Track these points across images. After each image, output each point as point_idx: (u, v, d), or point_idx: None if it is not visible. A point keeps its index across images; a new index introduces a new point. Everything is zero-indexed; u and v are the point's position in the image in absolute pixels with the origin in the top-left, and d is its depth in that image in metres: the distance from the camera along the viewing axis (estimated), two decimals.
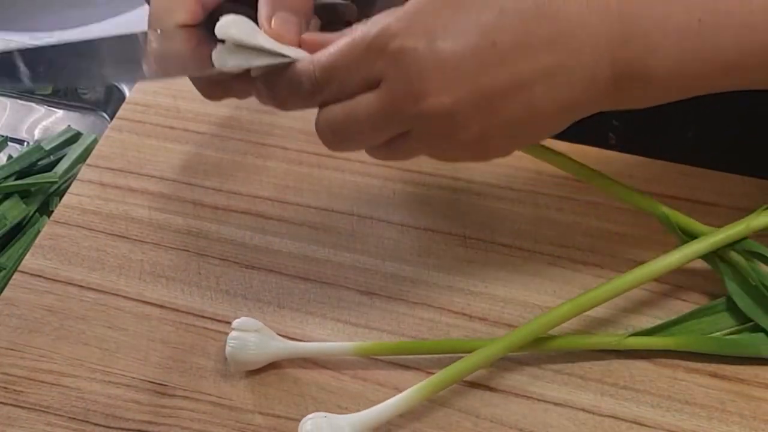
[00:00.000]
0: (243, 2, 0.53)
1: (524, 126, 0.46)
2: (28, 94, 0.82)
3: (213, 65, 0.49)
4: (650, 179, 0.62)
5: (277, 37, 0.49)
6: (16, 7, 0.92)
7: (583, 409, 0.52)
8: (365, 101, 0.46)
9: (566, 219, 0.61)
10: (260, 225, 0.61)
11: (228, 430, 0.51)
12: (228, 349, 0.52)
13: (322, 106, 0.48)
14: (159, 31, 0.53)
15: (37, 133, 0.80)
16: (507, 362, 0.54)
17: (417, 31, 0.44)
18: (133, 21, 0.89)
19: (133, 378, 0.53)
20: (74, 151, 0.72)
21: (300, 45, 0.49)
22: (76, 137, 0.74)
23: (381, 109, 0.45)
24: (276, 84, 0.48)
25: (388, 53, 0.44)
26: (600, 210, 0.61)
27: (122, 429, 0.51)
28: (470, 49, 0.44)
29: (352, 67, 0.45)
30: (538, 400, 0.52)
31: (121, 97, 0.76)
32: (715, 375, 0.53)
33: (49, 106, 0.82)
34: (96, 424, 0.51)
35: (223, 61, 0.49)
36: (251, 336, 0.52)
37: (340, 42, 0.46)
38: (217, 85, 0.53)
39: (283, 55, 0.48)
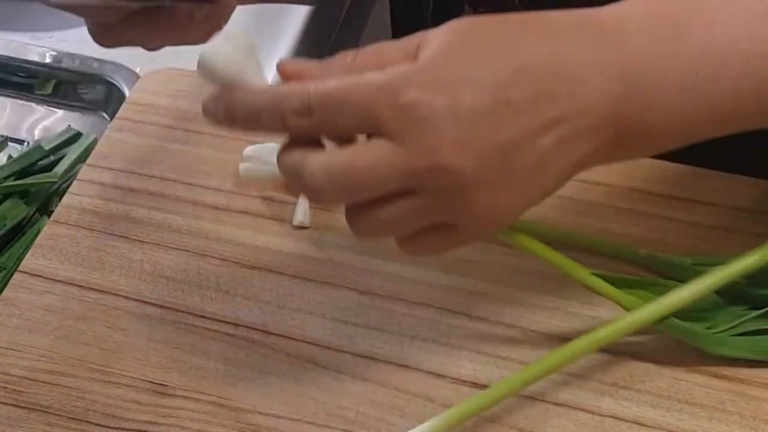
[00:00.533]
0: None
1: (532, 181, 0.46)
2: (28, 94, 0.82)
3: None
4: (650, 179, 0.62)
5: None
6: (16, 7, 0.92)
7: (583, 409, 0.52)
8: (372, 150, 0.43)
9: (566, 219, 0.61)
10: (260, 225, 0.61)
11: (228, 430, 0.51)
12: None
13: (298, 137, 0.45)
14: None
15: (37, 133, 0.80)
16: (506, 362, 0.54)
17: (434, 85, 0.43)
18: None
19: (133, 378, 0.53)
20: (74, 151, 0.72)
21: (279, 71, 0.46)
22: (76, 137, 0.74)
23: (388, 161, 0.43)
24: (243, 101, 0.45)
25: (401, 104, 0.43)
26: (600, 210, 0.61)
27: (122, 429, 0.51)
28: (486, 106, 0.43)
29: (356, 105, 0.43)
30: (538, 399, 0.52)
31: (121, 97, 0.76)
32: (715, 375, 0.53)
33: (49, 106, 0.82)
34: (96, 424, 0.51)
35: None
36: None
37: (345, 77, 0.44)
38: (110, 29, 0.51)
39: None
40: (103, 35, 0.53)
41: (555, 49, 0.45)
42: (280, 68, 0.47)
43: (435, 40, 0.45)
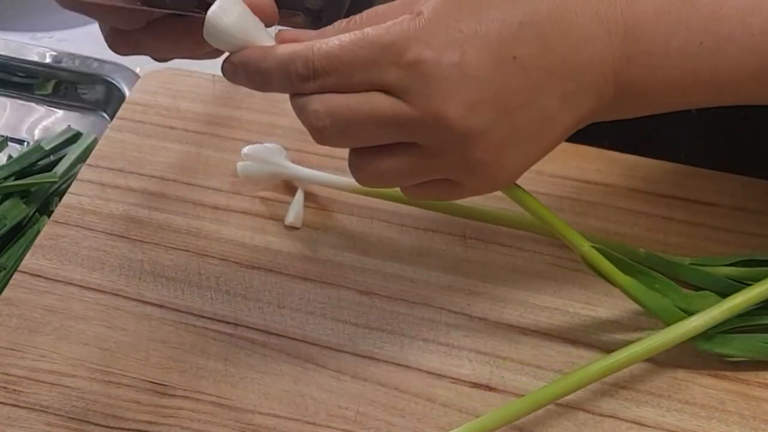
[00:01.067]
0: None
1: (537, 139, 0.46)
2: (28, 94, 0.82)
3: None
4: (650, 179, 0.62)
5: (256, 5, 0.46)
6: (16, 7, 0.92)
7: (583, 409, 0.52)
8: (377, 100, 0.43)
9: (566, 219, 0.61)
10: (260, 225, 0.61)
11: (228, 430, 0.51)
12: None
13: (311, 93, 0.45)
14: None
15: (37, 133, 0.80)
16: (506, 362, 0.54)
17: (438, 42, 0.43)
18: None
19: (133, 378, 0.53)
20: (74, 151, 0.72)
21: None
22: (76, 137, 0.74)
23: (393, 115, 0.43)
24: (256, 64, 0.45)
25: (406, 62, 0.42)
26: (600, 210, 0.61)
27: (122, 429, 0.51)
28: (492, 63, 0.43)
29: (360, 64, 0.43)
30: (543, 406, 0.52)
31: (121, 97, 0.76)
32: (715, 375, 0.53)
33: (49, 106, 0.82)
34: (96, 424, 0.51)
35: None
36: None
37: (348, 35, 0.43)
38: (128, 36, 0.50)
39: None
40: (119, 42, 0.51)
41: (562, 2, 0.44)
42: (279, 37, 0.47)
43: None
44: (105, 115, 0.80)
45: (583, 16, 0.44)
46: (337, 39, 0.43)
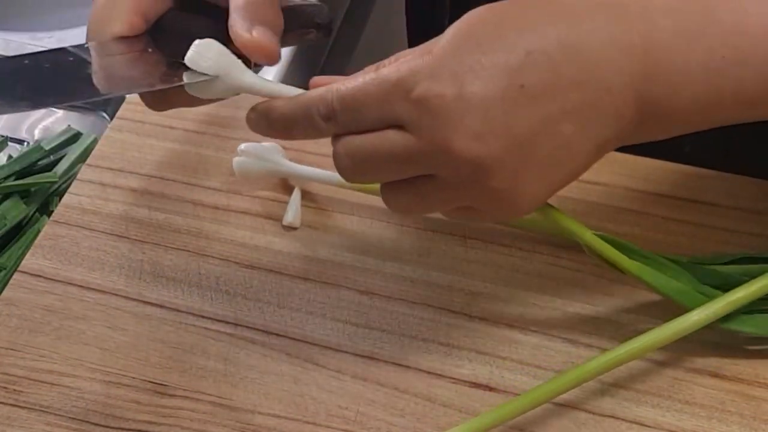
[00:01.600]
0: (190, 9, 0.52)
1: (555, 167, 0.45)
2: None
3: (158, 82, 0.48)
4: (650, 179, 0.62)
5: (259, 49, 0.48)
6: (16, 7, 0.92)
7: (583, 409, 0.52)
8: (390, 138, 0.44)
9: None
10: (260, 225, 0.61)
11: (228, 430, 0.51)
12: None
13: (334, 137, 0.47)
14: (95, 44, 0.51)
15: (37, 133, 0.80)
16: (506, 362, 0.54)
17: (444, 75, 0.43)
18: None
19: (133, 378, 0.53)
20: (74, 151, 0.72)
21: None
22: (76, 137, 0.74)
23: (406, 151, 0.44)
24: (279, 110, 0.47)
25: (414, 98, 0.43)
26: (600, 210, 0.61)
27: (122, 429, 0.51)
28: (499, 93, 0.43)
29: (374, 104, 0.44)
30: (542, 404, 0.52)
31: (121, 97, 0.76)
32: (715, 375, 0.53)
33: None
34: (96, 424, 0.51)
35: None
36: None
37: (362, 76, 0.45)
38: (164, 99, 0.52)
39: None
40: (156, 103, 0.53)
41: (572, 28, 0.44)
42: (312, 83, 0.48)
43: (450, 31, 0.45)
44: (105, 115, 0.80)
45: (597, 40, 0.44)
46: (353, 80, 0.45)
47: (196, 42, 0.47)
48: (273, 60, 0.50)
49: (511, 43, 0.44)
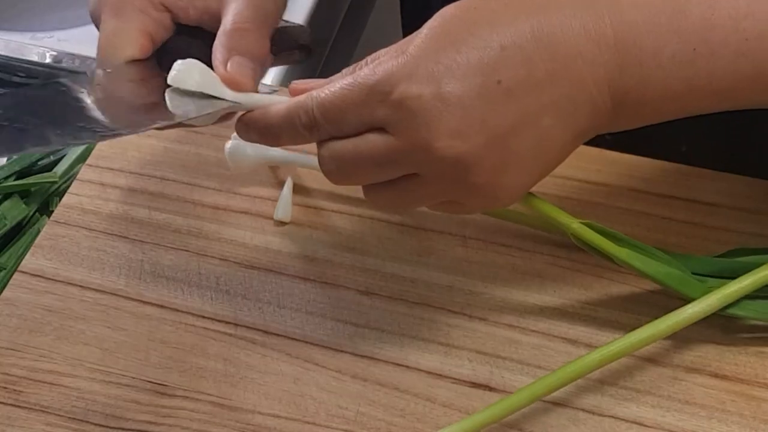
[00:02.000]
0: (194, 35, 0.53)
1: (535, 160, 0.46)
2: None
3: (174, 115, 0.49)
4: (650, 179, 0.62)
5: (232, 83, 0.49)
6: (16, 7, 0.92)
7: (583, 409, 0.52)
8: (372, 141, 0.45)
9: None
10: (260, 225, 0.61)
11: (228, 430, 0.51)
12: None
13: (318, 142, 0.48)
14: (107, 71, 0.52)
15: None
16: (506, 362, 0.54)
17: (420, 76, 0.44)
18: None
19: (133, 378, 0.53)
20: (74, 151, 0.72)
21: (253, 90, 0.50)
22: None
23: (387, 153, 0.45)
24: (264, 120, 0.48)
25: (392, 100, 0.44)
26: (600, 210, 0.61)
27: (122, 429, 0.51)
28: (476, 90, 0.44)
29: (353, 109, 0.45)
30: (538, 399, 0.52)
31: None
32: (715, 375, 0.53)
33: None
34: (96, 424, 0.51)
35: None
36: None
37: (340, 82, 0.45)
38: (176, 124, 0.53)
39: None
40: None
41: (546, 21, 0.44)
42: (291, 89, 0.49)
43: (424, 30, 0.45)
44: None
45: (570, 32, 0.44)
46: (332, 86, 0.46)
47: (178, 62, 0.49)
48: (246, 90, 0.50)
49: (485, 40, 0.44)
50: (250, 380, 0.53)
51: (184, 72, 0.49)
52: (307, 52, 0.61)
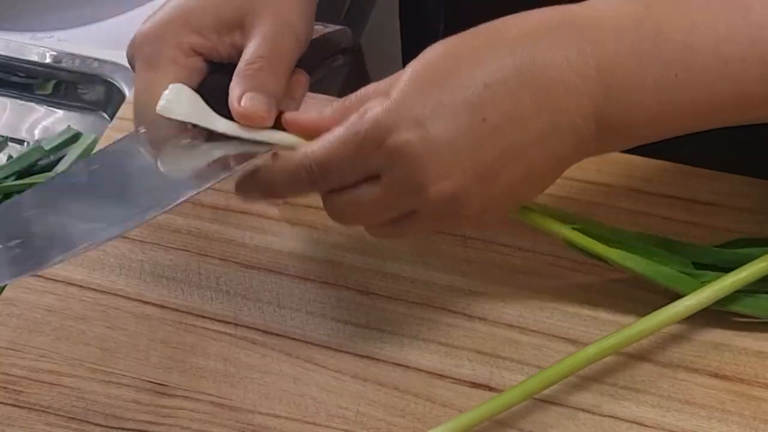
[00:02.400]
0: (228, 70, 0.53)
1: (522, 188, 0.48)
2: (28, 94, 0.82)
3: (221, 173, 0.49)
4: (650, 179, 0.62)
5: (246, 118, 0.49)
6: (16, 7, 0.92)
7: (583, 409, 0.52)
8: (369, 190, 0.47)
9: None
10: (260, 225, 0.61)
11: (228, 430, 0.51)
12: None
13: (323, 193, 0.49)
14: (143, 130, 0.51)
15: (37, 133, 0.80)
16: (506, 362, 0.54)
17: (407, 121, 0.45)
18: (135, 20, 0.89)
19: (133, 378, 0.53)
20: (74, 151, 0.72)
21: (280, 125, 0.50)
22: (76, 137, 0.74)
23: (385, 199, 0.47)
24: (267, 183, 0.49)
25: (384, 150, 0.45)
26: (600, 210, 0.61)
27: (122, 429, 0.51)
28: (462, 130, 0.45)
29: (348, 163, 0.46)
30: (538, 400, 0.52)
31: (121, 97, 0.76)
32: (715, 375, 0.53)
33: (49, 106, 0.82)
34: (96, 424, 0.51)
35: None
36: None
37: (332, 136, 0.47)
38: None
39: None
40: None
41: (527, 54, 0.45)
42: (286, 122, 0.50)
43: (407, 71, 0.47)
44: (105, 115, 0.80)
45: (552, 64, 0.45)
46: (325, 141, 0.47)
47: (166, 91, 0.49)
48: (261, 125, 0.50)
49: (468, 79, 0.45)
50: (250, 380, 0.53)
51: (173, 102, 0.49)
52: (351, 54, 0.61)
